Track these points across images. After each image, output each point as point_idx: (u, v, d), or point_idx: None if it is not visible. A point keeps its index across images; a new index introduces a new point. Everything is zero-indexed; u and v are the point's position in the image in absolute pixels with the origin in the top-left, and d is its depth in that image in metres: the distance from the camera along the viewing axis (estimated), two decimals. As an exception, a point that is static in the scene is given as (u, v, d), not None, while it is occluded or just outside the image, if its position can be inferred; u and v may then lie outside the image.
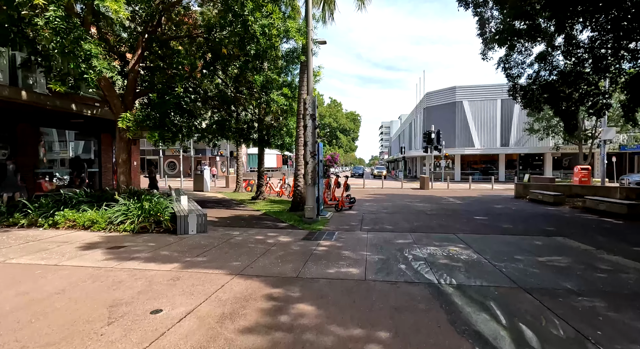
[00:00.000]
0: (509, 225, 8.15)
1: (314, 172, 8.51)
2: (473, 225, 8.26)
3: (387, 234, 7.08)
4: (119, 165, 9.15)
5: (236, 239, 6.49)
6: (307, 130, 8.39)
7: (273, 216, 9.65)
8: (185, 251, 5.48)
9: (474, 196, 16.59)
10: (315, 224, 8.23)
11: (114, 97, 8.90)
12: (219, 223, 8.44)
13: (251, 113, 11.96)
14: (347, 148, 68.80)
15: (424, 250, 5.68)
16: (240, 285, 3.98)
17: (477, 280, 4.15)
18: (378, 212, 10.55)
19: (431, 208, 11.46)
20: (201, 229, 6.95)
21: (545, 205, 12.25)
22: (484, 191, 20.10)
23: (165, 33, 9.88)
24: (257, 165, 14.26)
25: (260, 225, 8.26)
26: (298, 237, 6.74)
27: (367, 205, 12.63)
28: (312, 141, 8.42)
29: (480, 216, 9.72)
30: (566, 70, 12.63)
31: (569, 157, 34.25)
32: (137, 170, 18.69)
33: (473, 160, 36.38)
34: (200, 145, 40.73)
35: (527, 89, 13.18)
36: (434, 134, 22.98)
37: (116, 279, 4.12)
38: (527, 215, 10.04)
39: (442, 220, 8.92)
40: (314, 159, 8.48)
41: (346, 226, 8.05)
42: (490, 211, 10.89)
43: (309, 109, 8.32)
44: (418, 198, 15.35)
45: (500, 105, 34.75)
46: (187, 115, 10.72)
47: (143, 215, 7.08)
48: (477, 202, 13.65)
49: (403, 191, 19.80)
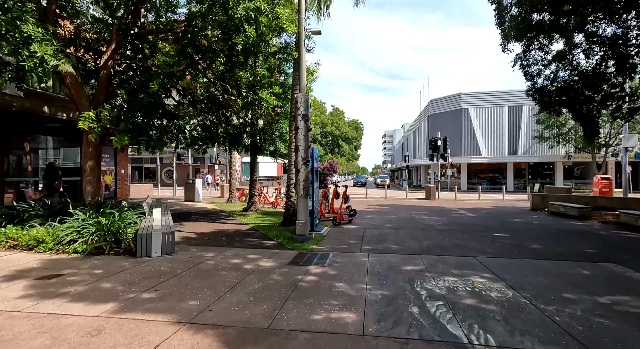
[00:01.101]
0: (538, 245, 6.85)
1: (306, 181, 7.32)
2: (494, 244, 6.98)
3: (392, 257, 5.84)
4: (85, 173, 8.03)
5: (207, 263, 5.27)
6: (298, 132, 7.25)
7: (261, 231, 8.43)
8: (135, 283, 4.27)
9: (486, 208, 15.26)
10: (307, 243, 7.00)
11: (81, 96, 7.85)
12: (196, 241, 7.23)
13: (243, 116, 10.87)
14: (349, 156, 67.68)
15: (441, 282, 4.42)
16: (183, 344, 2.76)
17: (525, 338, 2.89)
18: (381, 227, 9.30)
19: (441, 223, 10.18)
20: (168, 250, 5.75)
21: (569, 219, 10.92)
22: (495, 202, 18.76)
23: (144, 27, 8.89)
24: (250, 174, 13.11)
25: (244, 243, 7.04)
26: (284, 260, 5.51)
27: (369, 217, 11.38)
28: (305, 145, 7.26)
29: (500, 232, 8.43)
30: (588, 71, 11.47)
31: (581, 166, 32.83)
32: (126, 178, 17.62)
33: (480, 169, 35.03)
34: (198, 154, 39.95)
35: (544, 91, 12.03)
36: (440, 141, 21.78)
37: (9, 333, 2.92)
38: (554, 231, 8.73)
39: (456, 238, 7.64)
40: (306, 166, 7.31)
41: (344, 246, 6.81)
42: (510, 226, 9.59)
43: (300, 108, 7.19)
44: (425, 210, 14.07)
45: (507, 112, 33.59)
46: (169, 118, 9.66)
47: (99, 232, 5.91)
48: (491, 215, 12.34)
49: (408, 201, 18.52)
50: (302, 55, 7.30)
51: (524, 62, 10.20)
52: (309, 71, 10.45)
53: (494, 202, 18.53)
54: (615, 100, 11.74)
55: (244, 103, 8.23)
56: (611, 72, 11.42)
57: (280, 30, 7.42)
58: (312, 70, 10.39)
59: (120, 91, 7.31)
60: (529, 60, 10.22)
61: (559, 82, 11.85)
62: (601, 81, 11.47)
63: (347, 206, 12.28)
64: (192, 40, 7.39)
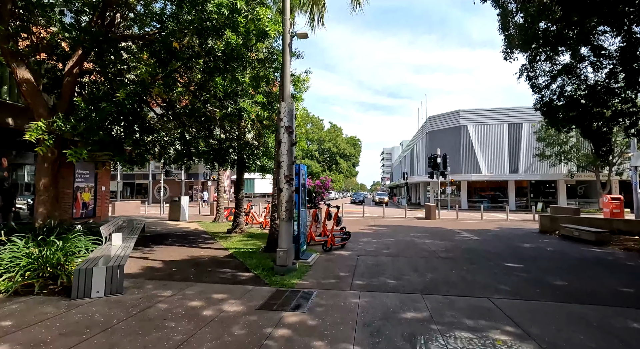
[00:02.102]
0: (561, 281, 5.80)
1: (289, 202, 6.34)
2: (510, 279, 5.93)
3: (388, 297, 4.78)
4: (38, 193, 7.02)
5: (157, 308, 4.21)
6: (281, 146, 6.33)
7: (239, 259, 7.36)
8: (45, 343, 3.21)
9: (490, 229, 14.21)
10: (289, 276, 5.93)
11: (38, 105, 6.97)
12: (158, 273, 6.15)
13: (228, 130, 10.00)
14: (347, 173, 66.88)
15: (452, 340, 3.38)
16: None
17: None
18: (377, 253, 8.24)
19: (445, 248, 9.13)
20: (114, 288, 4.68)
21: (585, 245, 9.88)
22: (499, 222, 17.71)
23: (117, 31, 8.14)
24: (235, 191, 12.12)
25: (214, 275, 5.97)
26: (255, 302, 4.45)
27: (364, 241, 10.31)
28: (288, 161, 6.33)
29: (513, 262, 7.38)
30: (597, 85, 10.77)
31: (584, 184, 31.98)
32: (107, 196, 16.57)
33: (480, 187, 34.12)
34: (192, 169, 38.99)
35: (550, 106, 11.30)
36: (440, 158, 20.97)
37: None
38: (573, 261, 7.68)
39: (463, 270, 6.59)
40: (290, 185, 6.35)
41: (332, 280, 5.75)
42: (521, 253, 8.54)
43: (284, 119, 6.31)
44: (426, 231, 13.01)
45: (507, 129, 33.07)
46: (143, 131, 8.77)
47: (31, 266, 4.85)
48: (498, 238, 11.29)
49: (407, 221, 17.45)
50: (286, 59, 6.49)
51: (530, 73, 9.49)
52: (299, 80, 9.67)
53: (498, 223, 17.49)
54: (627, 116, 11.00)
55: (223, 114, 7.36)
56: (621, 87, 10.74)
57: (262, 33, 6.65)
58: (302, 79, 9.61)
59: (77, 98, 6.42)
60: (536, 71, 9.51)
61: (566, 97, 11.14)
62: (610, 96, 10.76)
63: (340, 228, 11.26)
64: (164, 44, 6.60)
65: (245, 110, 7.27)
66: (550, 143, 28.05)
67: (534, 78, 9.49)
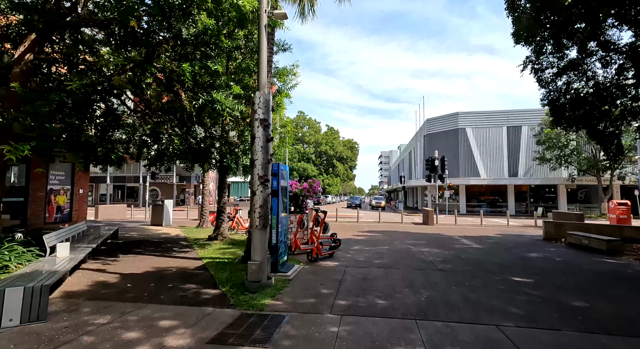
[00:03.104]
0: (581, 301, 4.94)
1: (264, 207, 5.47)
2: (519, 298, 5.06)
3: (376, 324, 3.90)
4: (-23, 195, 6.12)
5: (80, 343, 3.31)
6: (255, 142, 5.47)
7: (211, 271, 6.46)
8: None
9: (491, 235, 13.37)
10: (261, 294, 5.03)
11: (-20, 95, 6.10)
12: (108, 290, 5.24)
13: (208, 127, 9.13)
14: (344, 176, 66.07)
15: (455, 396, 2.49)
16: None
17: None
18: (368, 264, 7.36)
19: (443, 258, 8.26)
20: (33, 315, 3.77)
21: (596, 254, 9.04)
22: (500, 228, 16.87)
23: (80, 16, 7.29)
24: (218, 195, 11.22)
25: (174, 293, 5.07)
26: (209, 333, 3.56)
27: (355, 249, 9.43)
28: (263, 159, 5.47)
29: (521, 276, 6.51)
30: (605, 82, 10.01)
31: (585, 189, 31.28)
32: (85, 199, 15.61)
33: (479, 191, 33.34)
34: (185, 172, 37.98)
35: (555, 104, 10.52)
36: (438, 161, 20.15)
37: None
38: (589, 274, 6.83)
39: (465, 286, 5.72)
40: (264, 187, 5.48)
41: (310, 299, 4.86)
42: (528, 264, 7.68)
43: (258, 111, 5.46)
44: (423, 238, 12.14)
45: (506, 132, 32.41)
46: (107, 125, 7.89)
47: (-64, 284, 3.94)
48: (501, 247, 10.44)
49: (403, 226, 16.58)
50: (262, 43, 5.66)
51: (536, 65, 8.68)
52: (285, 73, 8.85)
53: (498, 228, 16.65)
54: (638, 115, 10.24)
55: (193, 106, 6.50)
56: (631, 84, 10.00)
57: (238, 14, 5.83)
58: (288, 72, 8.78)
59: (14, 84, 5.55)
60: (542, 64, 8.71)
61: (572, 94, 10.36)
62: (619, 94, 10.01)
63: (330, 235, 10.39)
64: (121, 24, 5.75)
65: (219, 102, 6.41)
66: (550, 146, 27.37)
67: (540, 71, 8.70)
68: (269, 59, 7.78)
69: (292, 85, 9.40)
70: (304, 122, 63.31)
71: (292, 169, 53.67)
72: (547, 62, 8.76)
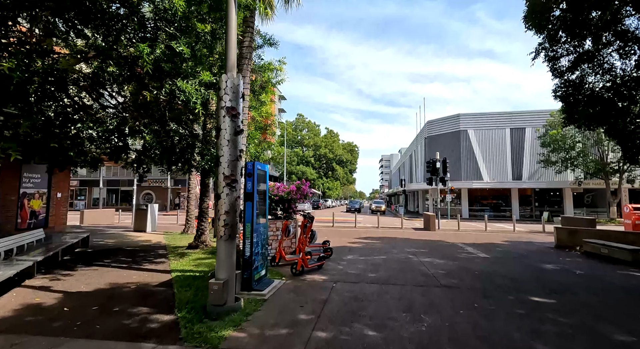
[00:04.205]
0: (627, 335, 3.94)
1: (231, 213, 4.51)
2: (545, 328, 4.07)
3: (361, 372, 2.92)
4: None
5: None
6: (220, 135, 4.54)
7: (175, 289, 5.49)
8: None
9: (498, 243, 12.36)
10: (222, 322, 4.05)
11: None
12: (34, 316, 4.27)
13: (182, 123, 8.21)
14: (344, 180, 65.11)
15: None
16: None
17: None
18: (361, 278, 6.38)
19: (447, 270, 7.26)
20: None
21: (620, 266, 8.04)
22: (506, 234, 15.85)
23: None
24: (200, 199, 10.28)
25: (116, 321, 4.10)
26: (130, 389, 2.59)
27: (349, 259, 8.45)
28: (230, 157, 4.53)
29: (540, 295, 5.52)
30: (624, 76, 9.07)
31: (592, 193, 30.21)
32: (64, 203, 14.67)
33: (482, 195, 32.30)
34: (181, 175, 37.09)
35: (568, 100, 9.59)
36: (440, 163, 19.19)
37: None
38: (620, 292, 5.83)
39: (475, 310, 4.72)
40: (232, 189, 4.53)
41: (282, 329, 3.88)
42: (547, 279, 6.69)
43: (224, 98, 4.53)
44: (424, 246, 11.15)
45: (509, 134, 31.46)
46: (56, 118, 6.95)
47: None
48: (510, 256, 9.44)
49: (403, 232, 15.58)
50: (230, 13, 4.73)
51: (550, 53, 7.75)
52: (269, 67, 7.95)
53: (504, 234, 15.63)
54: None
55: (152, 96, 5.58)
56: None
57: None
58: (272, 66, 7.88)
59: None
60: (557, 51, 7.78)
61: (587, 90, 9.42)
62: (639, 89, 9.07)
63: (323, 243, 9.44)
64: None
65: (184, 92, 5.48)
66: (555, 148, 26.38)
67: (554, 60, 7.76)
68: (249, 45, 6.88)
69: (278, 80, 8.50)
70: (303, 124, 62.56)
71: (290, 172, 52.75)
72: (563, 49, 7.83)
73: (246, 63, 6.57)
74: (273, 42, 8.20)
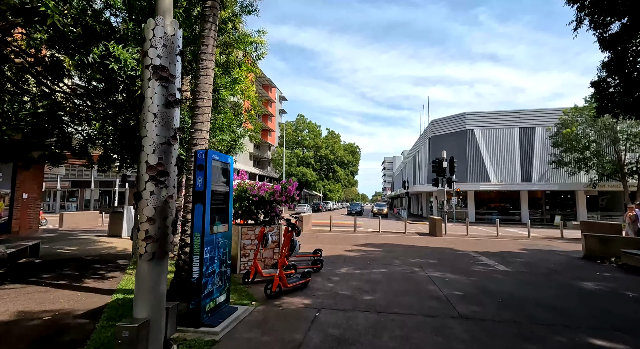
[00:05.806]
0: None
1: (157, 220, 3.07)
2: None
3: None
4: None
5: None
6: (144, 107, 3.12)
7: (101, 321, 4.06)
8: None
9: (515, 251, 10.84)
10: (129, 391, 2.61)
11: None
12: None
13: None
14: (345, 182, 63.55)
15: None
16: None
17: None
18: (353, 304, 4.91)
19: (464, 292, 5.78)
20: None
21: (674, 284, 6.51)
22: (520, 240, 14.30)
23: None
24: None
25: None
26: None
27: (341, 273, 6.98)
28: (158, 138, 3.10)
29: (603, 336, 4.02)
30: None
31: (607, 195, 28.52)
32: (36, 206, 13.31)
33: (489, 198, 30.67)
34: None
35: (600, 85, 8.14)
36: (446, 162, 17.69)
37: None
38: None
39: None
40: (159, 186, 3.09)
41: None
42: (597, 308, 5.19)
43: (151, 53, 3.11)
44: (431, 255, 9.65)
45: (518, 133, 29.91)
46: None
47: None
48: (536, 270, 7.93)
49: (407, 238, 14.07)
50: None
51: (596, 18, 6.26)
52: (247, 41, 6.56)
53: (519, 241, 14.08)
54: None
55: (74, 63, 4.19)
56: None
57: None
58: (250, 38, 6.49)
59: None
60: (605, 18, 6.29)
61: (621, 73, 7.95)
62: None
63: (314, 252, 8.01)
64: None
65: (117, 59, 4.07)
66: (569, 148, 24.78)
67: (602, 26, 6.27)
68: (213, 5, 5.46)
69: (258, 55, 7.11)
70: (304, 125, 61.20)
71: (290, 174, 51.31)
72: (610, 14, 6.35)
73: (208, 28, 5.15)
74: (252, 9, 6.80)
